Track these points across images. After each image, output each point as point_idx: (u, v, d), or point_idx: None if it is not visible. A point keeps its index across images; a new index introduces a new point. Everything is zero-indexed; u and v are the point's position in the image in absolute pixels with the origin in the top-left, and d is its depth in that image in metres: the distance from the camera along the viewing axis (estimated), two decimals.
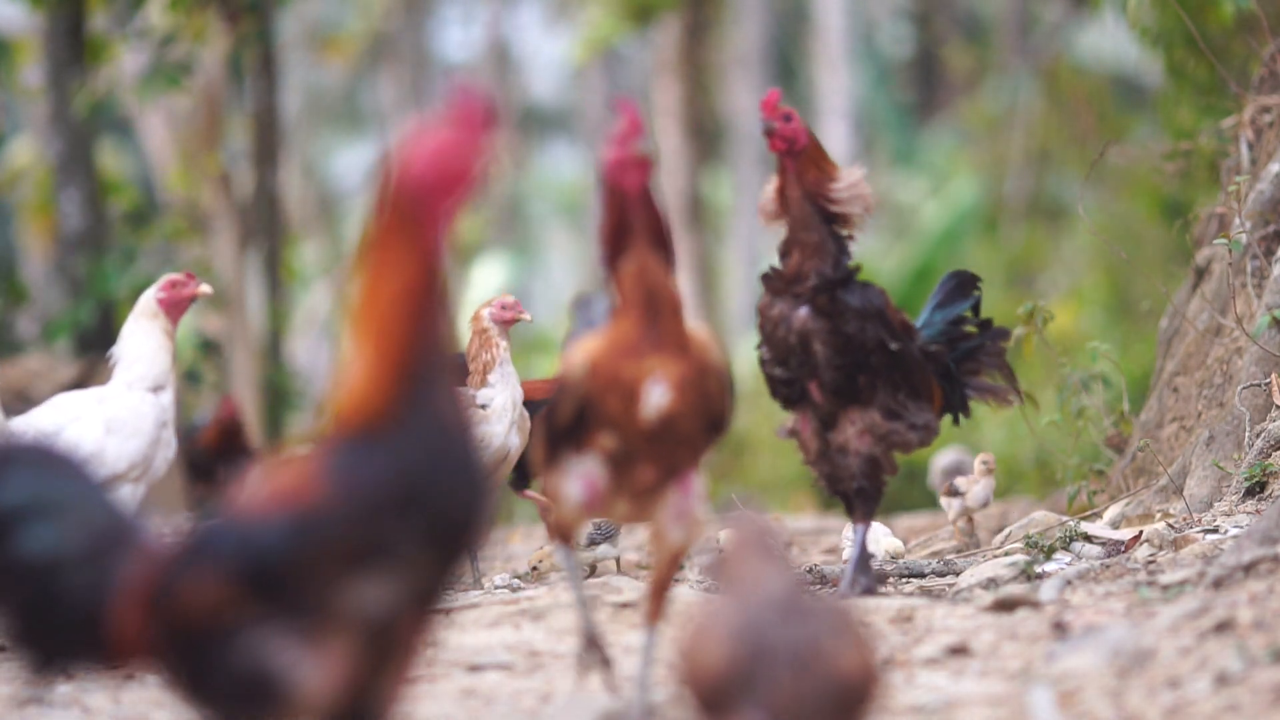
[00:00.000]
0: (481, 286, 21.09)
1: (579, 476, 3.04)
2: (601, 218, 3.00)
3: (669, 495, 3.02)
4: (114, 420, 4.24)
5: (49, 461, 2.38)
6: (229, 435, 7.71)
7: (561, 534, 3.19)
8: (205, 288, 4.45)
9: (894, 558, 5.00)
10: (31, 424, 4.24)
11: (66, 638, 2.29)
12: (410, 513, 2.18)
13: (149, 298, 4.40)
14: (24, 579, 2.28)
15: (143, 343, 4.35)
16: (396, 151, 2.24)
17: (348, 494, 2.17)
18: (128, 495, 4.20)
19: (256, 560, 2.17)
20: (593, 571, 4.97)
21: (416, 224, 2.21)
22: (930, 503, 7.96)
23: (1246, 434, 4.79)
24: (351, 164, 25.00)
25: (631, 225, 2.96)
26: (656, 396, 2.94)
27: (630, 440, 2.96)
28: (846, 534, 4.83)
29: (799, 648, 2.27)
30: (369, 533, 2.17)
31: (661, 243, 2.99)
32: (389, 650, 2.22)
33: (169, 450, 4.35)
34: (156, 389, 4.33)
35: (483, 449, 3.91)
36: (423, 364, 2.21)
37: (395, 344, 2.21)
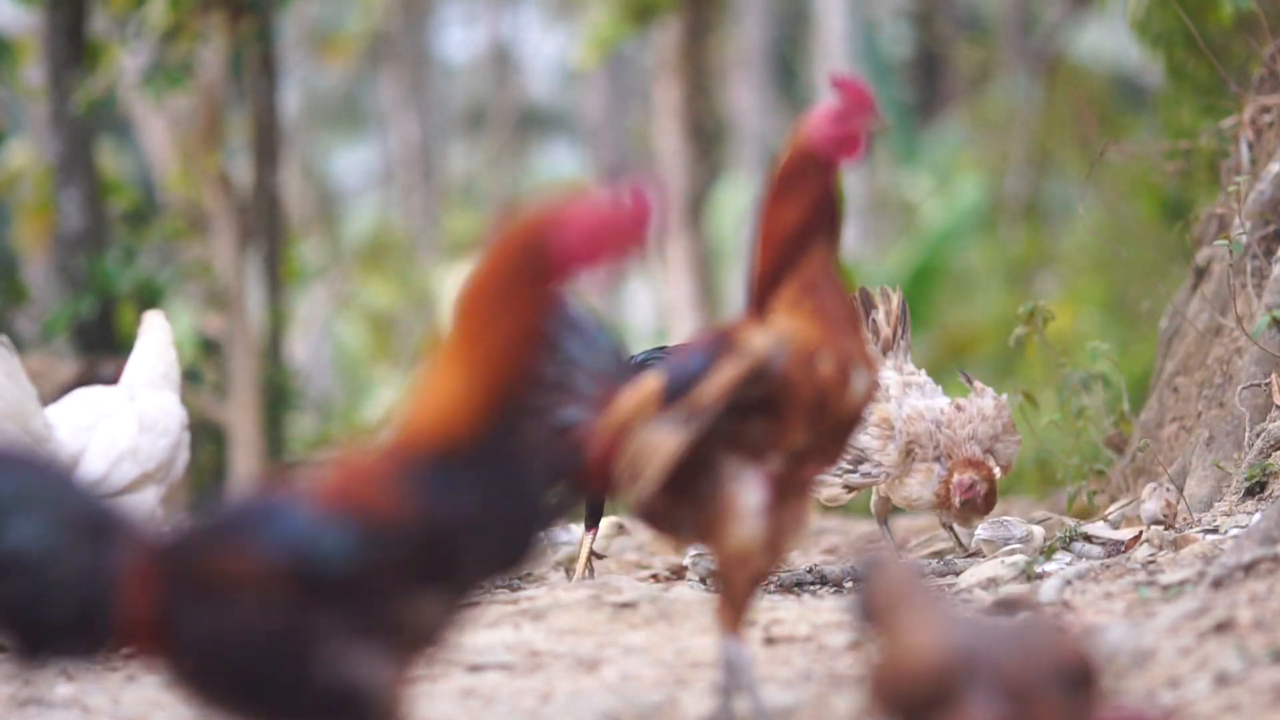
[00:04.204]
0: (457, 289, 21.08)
1: (757, 484, 2.80)
2: (792, 201, 2.86)
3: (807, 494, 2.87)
4: (145, 418, 4.22)
5: (18, 460, 2.37)
6: None
7: (741, 589, 2.82)
8: None
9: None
10: (64, 418, 4.20)
11: (59, 630, 2.27)
12: (483, 540, 2.20)
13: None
14: (5, 574, 2.27)
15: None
16: (551, 204, 2.28)
17: (426, 515, 2.18)
18: (152, 495, 4.18)
19: (315, 559, 2.16)
20: None
21: (546, 277, 2.25)
22: None
23: (1246, 434, 4.79)
24: (351, 164, 25.01)
25: (833, 207, 2.87)
26: (863, 380, 2.83)
27: (820, 433, 2.79)
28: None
29: (1016, 643, 2.27)
30: (443, 558, 2.18)
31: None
32: (421, 653, 2.25)
33: (186, 452, 4.34)
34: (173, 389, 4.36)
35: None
36: (515, 398, 2.24)
37: (496, 376, 2.24)
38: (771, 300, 2.87)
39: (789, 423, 2.79)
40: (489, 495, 2.21)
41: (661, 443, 2.75)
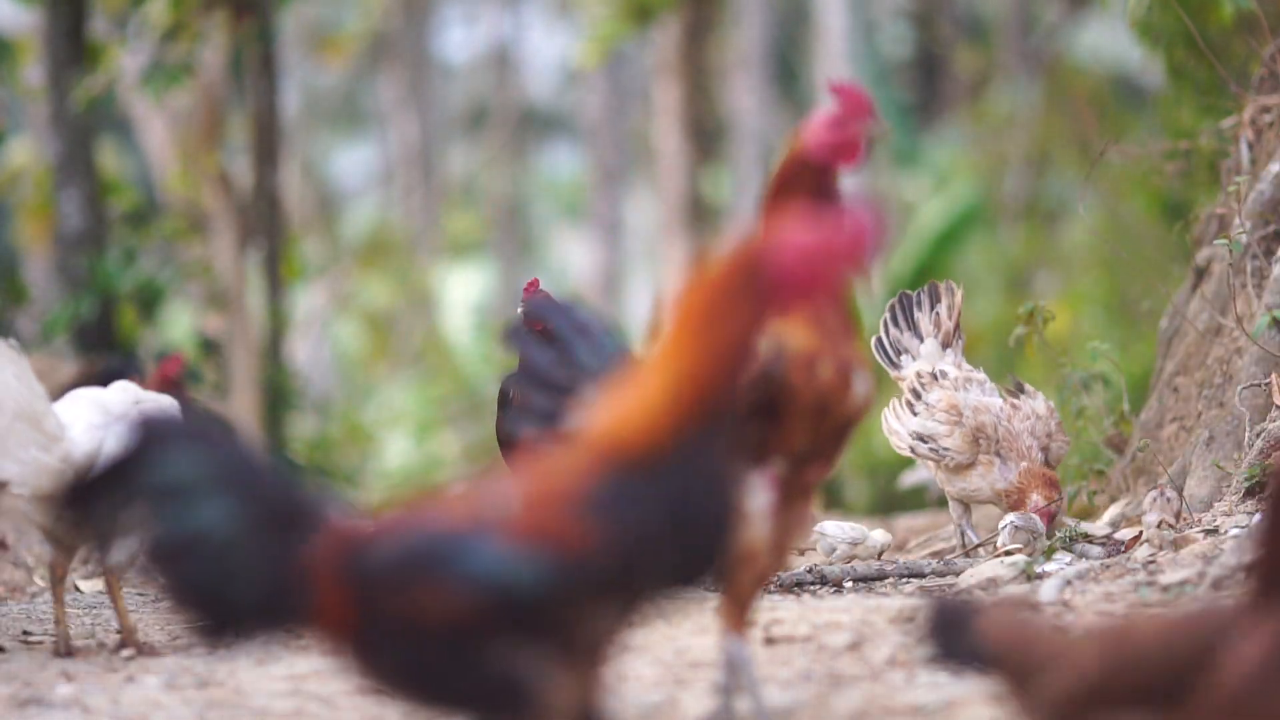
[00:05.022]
0: (461, 289, 21.10)
1: (762, 487, 2.83)
2: (790, 206, 2.88)
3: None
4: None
5: (209, 442, 2.41)
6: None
7: (745, 590, 2.88)
8: None
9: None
10: (77, 417, 4.12)
11: (244, 611, 2.34)
12: (668, 556, 2.24)
13: None
14: (191, 553, 2.32)
15: None
16: (772, 229, 2.30)
17: (617, 540, 2.21)
18: None
19: (513, 595, 2.22)
20: None
21: (760, 297, 2.27)
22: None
23: (1246, 434, 4.79)
24: (351, 164, 25.00)
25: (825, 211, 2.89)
26: (864, 384, 2.84)
27: (821, 437, 2.81)
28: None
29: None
30: (629, 576, 2.24)
31: None
32: (601, 660, 2.32)
33: None
34: None
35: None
36: (716, 413, 2.26)
37: (698, 389, 2.26)
38: None
39: (791, 427, 2.81)
40: (679, 511, 2.24)
41: None
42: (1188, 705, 2.26)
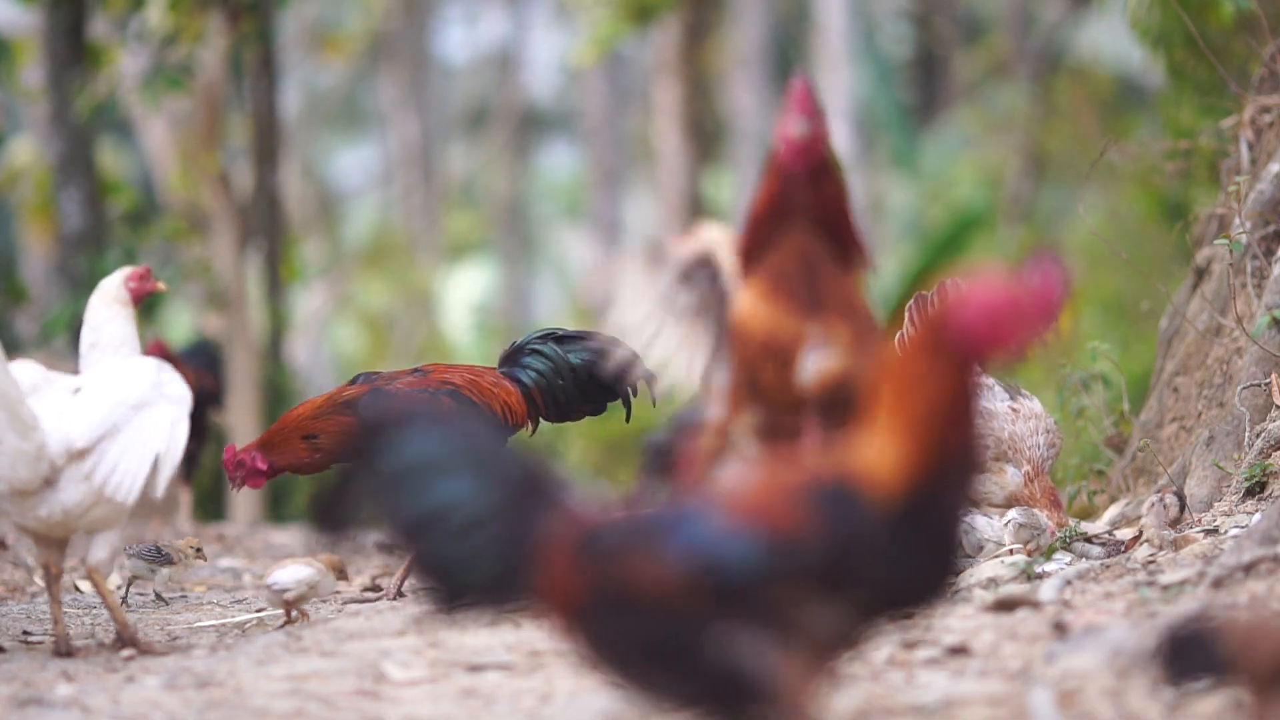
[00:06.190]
0: (461, 289, 21.09)
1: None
2: (754, 197, 2.95)
3: None
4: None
5: (451, 419, 2.52)
6: None
7: None
8: (163, 285, 4.48)
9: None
10: (36, 404, 4.05)
11: (480, 585, 2.45)
12: (889, 573, 2.33)
13: (118, 285, 4.29)
14: (436, 526, 2.43)
15: (124, 328, 4.24)
16: (962, 286, 2.39)
17: (830, 536, 2.30)
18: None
19: (721, 567, 2.30)
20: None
21: (954, 355, 2.36)
22: None
23: (1246, 434, 4.79)
24: (351, 164, 25.00)
25: (793, 207, 2.90)
26: (814, 361, 2.85)
27: (779, 411, 2.84)
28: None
29: None
30: (842, 576, 2.32)
31: (830, 228, 2.91)
32: (825, 662, 2.41)
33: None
34: None
35: None
36: (944, 463, 2.35)
37: (919, 440, 2.35)
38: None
39: (735, 393, 2.88)
40: (906, 538, 2.32)
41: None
42: None
